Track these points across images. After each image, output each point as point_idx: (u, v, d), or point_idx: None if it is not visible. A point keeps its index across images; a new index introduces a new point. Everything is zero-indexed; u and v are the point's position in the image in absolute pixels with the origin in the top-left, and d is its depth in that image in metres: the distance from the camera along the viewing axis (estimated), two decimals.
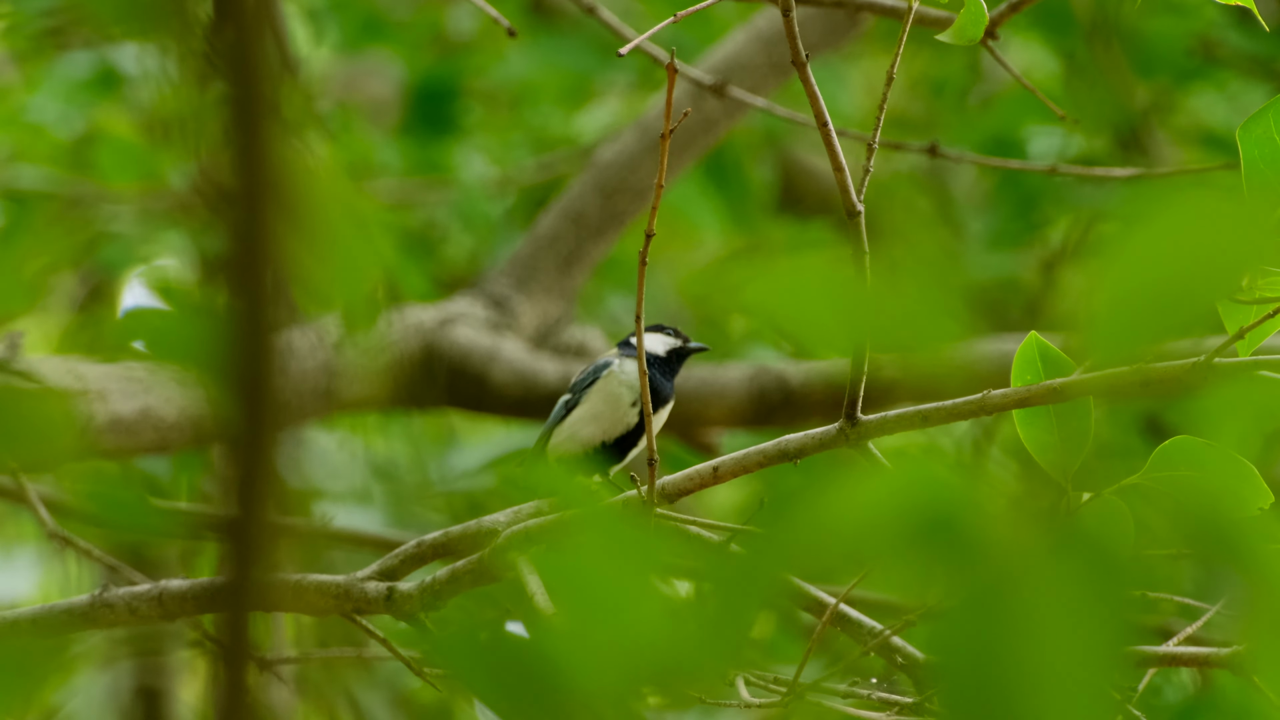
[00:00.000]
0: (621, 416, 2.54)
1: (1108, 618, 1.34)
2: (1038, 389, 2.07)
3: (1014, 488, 1.40)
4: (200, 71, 1.30)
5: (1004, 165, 3.85)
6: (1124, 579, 1.34)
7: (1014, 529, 1.37)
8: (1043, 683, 1.33)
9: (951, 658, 1.34)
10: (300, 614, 2.40)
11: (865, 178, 2.13)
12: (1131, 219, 1.42)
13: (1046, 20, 4.21)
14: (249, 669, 1.37)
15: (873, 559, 1.44)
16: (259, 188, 1.27)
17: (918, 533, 1.39)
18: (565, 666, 1.47)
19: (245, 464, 1.31)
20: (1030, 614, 1.34)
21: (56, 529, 2.83)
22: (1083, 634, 1.34)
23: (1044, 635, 1.34)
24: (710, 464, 2.22)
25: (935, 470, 1.40)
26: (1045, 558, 1.35)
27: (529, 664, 1.48)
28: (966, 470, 1.39)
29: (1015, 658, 1.34)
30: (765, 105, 3.26)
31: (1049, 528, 1.36)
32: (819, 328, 1.50)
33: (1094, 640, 1.34)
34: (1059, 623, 1.34)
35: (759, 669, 2.27)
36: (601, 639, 1.47)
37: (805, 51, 2.14)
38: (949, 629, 1.35)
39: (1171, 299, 1.46)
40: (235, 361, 1.30)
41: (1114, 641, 1.34)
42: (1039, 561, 1.35)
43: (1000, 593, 1.34)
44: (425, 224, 4.50)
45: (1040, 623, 1.34)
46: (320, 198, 1.39)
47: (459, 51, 4.62)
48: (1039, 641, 1.34)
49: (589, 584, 1.48)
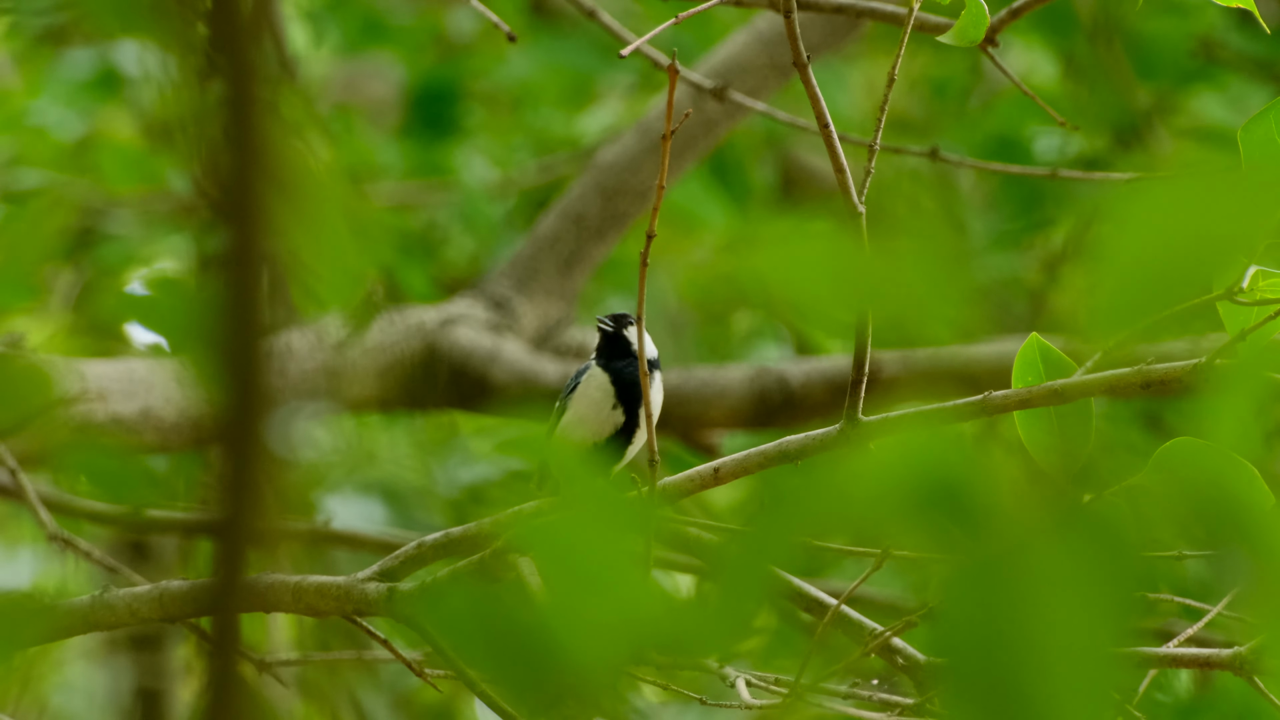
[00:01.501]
0: (606, 419, 2.54)
1: (1111, 608, 1.33)
2: (1039, 390, 2.07)
3: (1017, 469, 1.40)
4: (200, 72, 1.30)
5: (1004, 170, 3.85)
6: (1128, 566, 1.34)
7: (1018, 506, 1.37)
8: (1046, 663, 1.33)
9: (953, 657, 1.34)
10: (301, 615, 2.40)
11: (866, 179, 2.13)
12: (1130, 211, 1.42)
13: (1048, 22, 4.21)
14: (240, 668, 1.37)
15: (877, 528, 1.44)
16: (256, 189, 1.27)
17: (922, 503, 1.39)
18: (556, 636, 1.47)
19: (235, 463, 1.31)
20: (1033, 606, 1.34)
21: (57, 530, 2.84)
22: (1086, 627, 1.34)
23: (1046, 629, 1.34)
24: (711, 465, 2.22)
25: (940, 445, 1.39)
26: (1049, 537, 1.35)
27: (520, 635, 1.48)
28: (971, 447, 1.39)
29: (1016, 656, 1.33)
30: (765, 110, 3.26)
31: (1053, 509, 1.36)
32: (821, 301, 1.50)
33: (1097, 634, 1.34)
34: (1062, 615, 1.34)
35: (759, 670, 2.27)
36: (591, 611, 1.47)
37: (806, 53, 2.14)
38: (951, 627, 1.34)
39: (1171, 280, 1.45)
40: (228, 359, 1.30)
41: (1117, 634, 1.34)
42: (1042, 541, 1.35)
43: (1002, 575, 1.34)
44: (426, 225, 4.50)
45: (1042, 615, 1.34)
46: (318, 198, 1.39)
47: (460, 53, 4.62)
48: (1041, 636, 1.34)
49: (581, 559, 1.48)
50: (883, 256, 1.44)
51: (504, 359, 3.74)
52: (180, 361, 2.85)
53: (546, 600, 1.49)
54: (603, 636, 1.48)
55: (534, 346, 3.81)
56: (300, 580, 2.30)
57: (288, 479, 1.36)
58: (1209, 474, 1.99)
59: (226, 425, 1.31)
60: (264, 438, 1.32)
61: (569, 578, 1.48)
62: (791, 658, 3.03)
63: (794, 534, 1.41)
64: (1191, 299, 1.53)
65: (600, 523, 1.48)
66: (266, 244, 1.29)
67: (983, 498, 1.36)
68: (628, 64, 4.35)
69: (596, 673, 1.48)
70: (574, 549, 1.48)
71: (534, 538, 1.51)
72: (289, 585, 2.30)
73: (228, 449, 1.31)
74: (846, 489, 1.39)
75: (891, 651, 2.22)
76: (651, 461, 2.19)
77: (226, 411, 1.31)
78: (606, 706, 1.51)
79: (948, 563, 1.36)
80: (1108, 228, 1.42)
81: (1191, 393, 2.01)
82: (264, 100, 1.27)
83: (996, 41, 2.68)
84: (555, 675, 1.48)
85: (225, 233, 1.29)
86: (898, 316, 1.48)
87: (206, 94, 1.29)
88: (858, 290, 1.49)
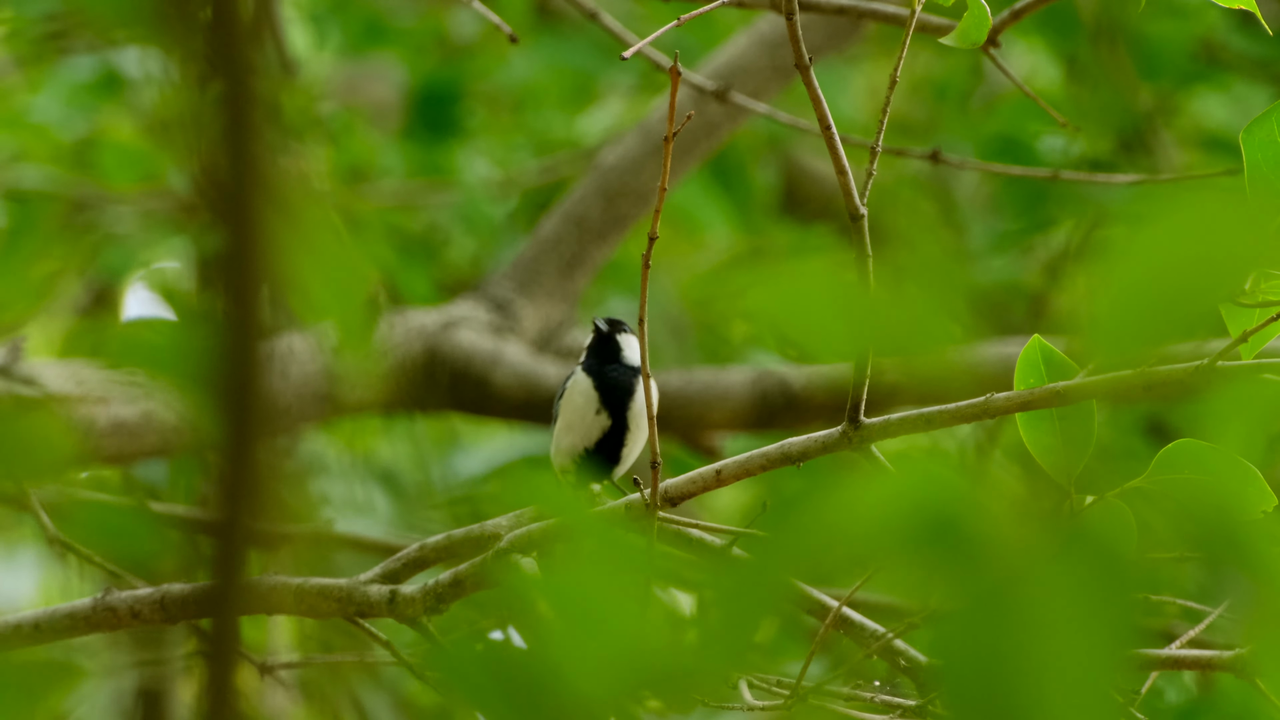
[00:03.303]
0: (592, 424, 2.55)
1: (1112, 619, 1.33)
2: (1041, 392, 2.07)
3: (1018, 489, 1.40)
4: (200, 74, 1.30)
5: (1006, 172, 3.84)
6: (1128, 581, 1.34)
7: (1018, 530, 1.36)
8: (1046, 684, 1.33)
9: (955, 659, 1.34)
10: (303, 617, 2.40)
11: (868, 182, 2.13)
12: (1135, 221, 1.42)
13: (1050, 24, 4.21)
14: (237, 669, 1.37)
15: (877, 560, 1.44)
16: (254, 192, 1.27)
17: (922, 534, 1.39)
18: (562, 672, 1.47)
19: (232, 468, 1.31)
20: (1034, 615, 1.34)
21: (58, 535, 2.83)
22: (1086, 635, 1.34)
23: (1048, 636, 1.34)
24: (713, 467, 2.22)
25: (939, 471, 1.39)
26: (1049, 559, 1.35)
27: (526, 670, 1.48)
28: (970, 471, 1.39)
29: (1018, 659, 1.33)
30: (767, 111, 3.26)
31: (1053, 529, 1.36)
32: (821, 333, 1.50)
33: (1098, 641, 1.34)
34: (1063, 624, 1.34)
35: (762, 672, 2.27)
36: (598, 643, 1.47)
37: (808, 55, 2.14)
38: (953, 631, 1.34)
39: (1175, 300, 1.45)
40: (225, 367, 1.30)
41: (1118, 642, 1.34)
42: (1043, 563, 1.35)
43: (1004, 594, 1.34)
44: (428, 227, 4.50)
45: (1044, 624, 1.34)
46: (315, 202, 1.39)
47: (462, 55, 4.62)
48: (1042, 643, 1.33)
49: (586, 590, 1.47)
50: (884, 285, 1.44)
51: (506, 362, 3.74)
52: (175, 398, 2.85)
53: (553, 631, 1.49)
54: (604, 671, 1.48)
55: (536, 349, 3.81)
56: (302, 582, 2.30)
57: (289, 481, 1.36)
58: (1211, 477, 1.99)
59: (227, 428, 1.31)
60: (265, 441, 1.32)
61: (576, 608, 1.48)
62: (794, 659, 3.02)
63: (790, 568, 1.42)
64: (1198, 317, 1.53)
65: (598, 559, 1.48)
66: (265, 247, 1.28)
67: (981, 527, 1.36)
68: (629, 65, 4.35)
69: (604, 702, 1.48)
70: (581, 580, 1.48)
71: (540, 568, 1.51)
72: (291, 587, 2.30)
73: (229, 452, 1.31)
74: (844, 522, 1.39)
75: (894, 653, 2.21)
76: (654, 464, 2.19)
77: (227, 413, 1.31)
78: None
79: (947, 593, 1.36)
80: (1114, 244, 1.42)
81: (1194, 395, 2.01)
82: (263, 102, 1.27)
83: (999, 43, 2.68)
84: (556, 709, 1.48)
85: (223, 235, 1.28)
86: (898, 342, 1.48)
87: (206, 95, 1.29)
88: (858, 325, 1.49)
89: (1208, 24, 4.26)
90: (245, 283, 1.28)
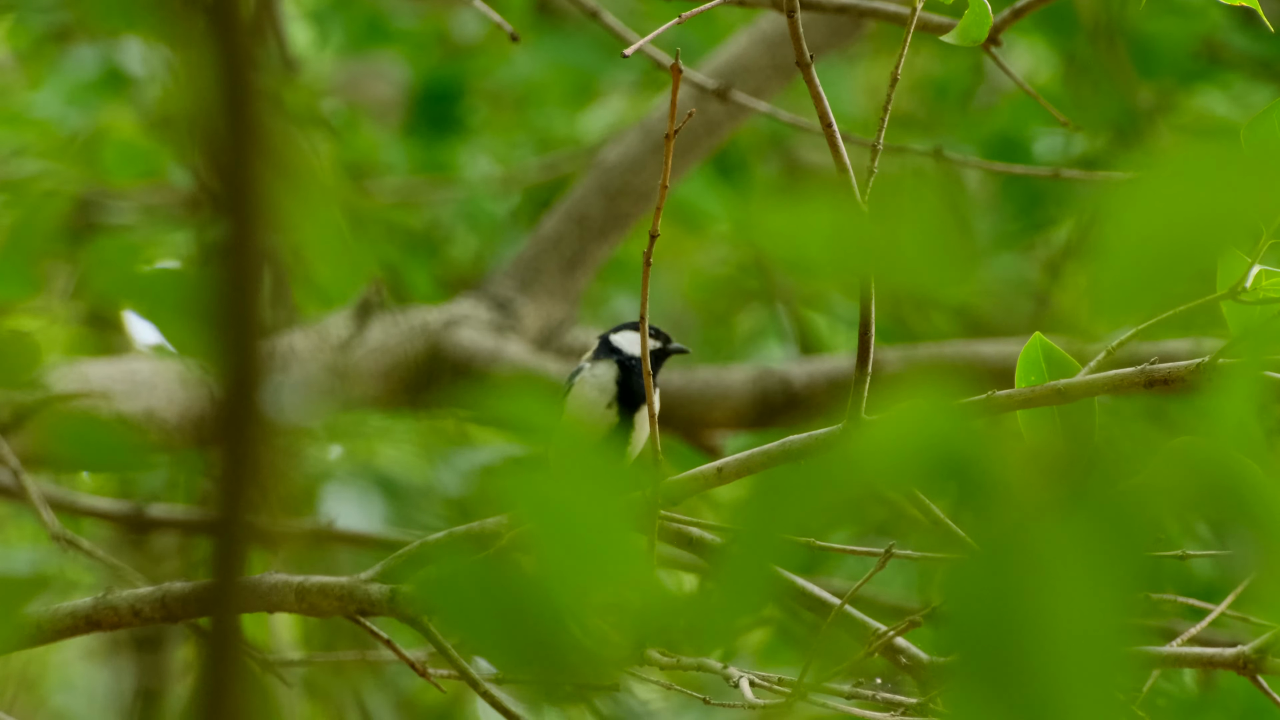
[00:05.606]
0: (600, 418, 2.55)
1: (1123, 571, 1.33)
2: (1042, 390, 2.07)
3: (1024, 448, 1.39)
4: (201, 68, 1.30)
5: (1007, 170, 3.85)
6: (1138, 535, 1.34)
7: (1026, 479, 1.36)
8: (1054, 653, 1.32)
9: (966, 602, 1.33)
10: (305, 615, 2.40)
11: (870, 179, 2.13)
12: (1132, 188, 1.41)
13: (1050, 22, 4.21)
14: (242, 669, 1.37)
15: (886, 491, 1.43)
16: (256, 184, 1.27)
17: (929, 474, 1.39)
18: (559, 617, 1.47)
19: (236, 463, 1.31)
20: (1042, 572, 1.33)
21: (60, 530, 2.83)
22: (1096, 591, 1.33)
23: (1056, 594, 1.33)
24: (714, 464, 2.22)
25: (945, 420, 1.39)
26: (1058, 509, 1.34)
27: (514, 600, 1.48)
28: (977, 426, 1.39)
29: (1026, 621, 1.33)
30: (769, 110, 3.26)
31: (1061, 481, 1.35)
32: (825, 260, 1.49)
33: (1108, 598, 1.33)
34: (1072, 580, 1.33)
35: (762, 669, 2.27)
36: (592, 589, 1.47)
37: (809, 53, 2.14)
38: (959, 586, 1.34)
39: (1173, 266, 1.45)
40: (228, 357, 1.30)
41: (1129, 596, 1.33)
42: (1052, 513, 1.34)
43: (1017, 535, 1.34)
44: (430, 224, 4.50)
45: (1052, 580, 1.33)
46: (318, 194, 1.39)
47: (463, 53, 4.62)
48: (1051, 602, 1.33)
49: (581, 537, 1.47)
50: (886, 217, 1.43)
51: (507, 360, 3.74)
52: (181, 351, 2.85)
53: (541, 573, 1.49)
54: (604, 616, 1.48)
55: (537, 347, 3.81)
56: (303, 580, 2.30)
57: (290, 478, 1.36)
58: (1213, 471, 1.99)
59: (227, 424, 1.31)
60: (265, 437, 1.32)
61: (569, 554, 1.48)
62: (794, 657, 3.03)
63: (798, 517, 1.41)
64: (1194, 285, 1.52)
65: (602, 501, 1.48)
66: (267, 239, 1.28)
67: (989, 472, 1.36)
68: (631, 62, 4.34)
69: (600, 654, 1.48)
70: (574, 526, 1.48)
71: (533, 513, 1.50)
72: (292, 585, 2.30)
73: (228, 448, 1.31)
74: (851, 466, 1.38)
75: (895, 651, 2.21)
76: (655, 458, 2.19)
77: (227, 410, 1.31)
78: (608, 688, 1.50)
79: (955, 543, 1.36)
80: (1109, 215, 1.42)
81: (1195, 392, 2.00)
82: (265, 96, 1.27)
83: (999, 41, 2.68)
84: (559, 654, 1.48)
85: (226, 228, 1.28)
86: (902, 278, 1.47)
87: (208, 90, 1.29)
88: (861, 247, 1.48)
89: (1209, 22, 4.26)
90: (248, 276, 1.28)
